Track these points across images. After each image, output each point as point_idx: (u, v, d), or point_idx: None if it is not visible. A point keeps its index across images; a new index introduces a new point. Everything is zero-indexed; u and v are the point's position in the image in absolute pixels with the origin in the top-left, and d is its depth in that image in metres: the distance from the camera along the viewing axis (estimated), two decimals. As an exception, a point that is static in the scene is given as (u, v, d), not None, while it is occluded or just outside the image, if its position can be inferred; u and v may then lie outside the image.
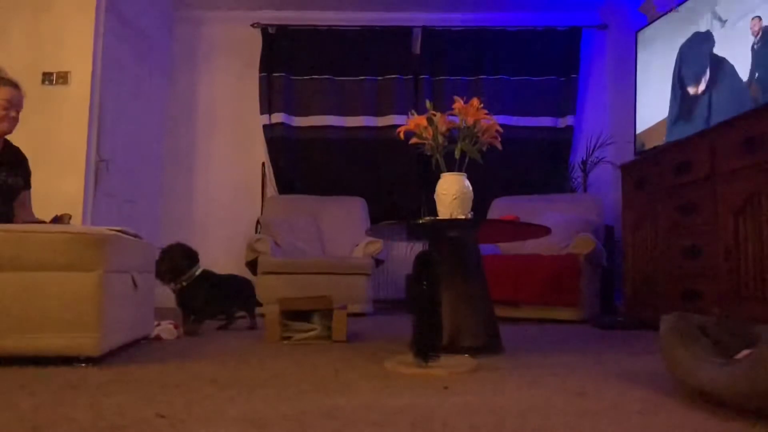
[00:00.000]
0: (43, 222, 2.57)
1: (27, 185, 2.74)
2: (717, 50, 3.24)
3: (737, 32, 3.08)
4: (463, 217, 2.49)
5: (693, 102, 3.41)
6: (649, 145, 3.89)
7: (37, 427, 1.26)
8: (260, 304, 3.66)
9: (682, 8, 3.59)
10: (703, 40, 3.30)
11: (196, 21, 5.73)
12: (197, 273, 3.24)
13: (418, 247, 4.85)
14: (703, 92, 3.31)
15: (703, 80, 3.26)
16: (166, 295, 3.32)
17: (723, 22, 3.18)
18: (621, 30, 5.23)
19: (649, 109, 3.96)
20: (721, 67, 3.17)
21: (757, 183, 2.68)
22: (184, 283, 3.19)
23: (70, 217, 2.66)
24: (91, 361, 2.07)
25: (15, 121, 2.60)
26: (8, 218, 2.58)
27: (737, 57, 3.07)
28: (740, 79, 3.02)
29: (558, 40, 5.54)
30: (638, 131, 4.06)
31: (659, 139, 3.74)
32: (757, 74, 2.92)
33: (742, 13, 3.05)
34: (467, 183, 2.52)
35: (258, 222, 5.24)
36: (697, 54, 3.34)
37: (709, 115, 3.22)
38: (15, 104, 2.58)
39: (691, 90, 3.36)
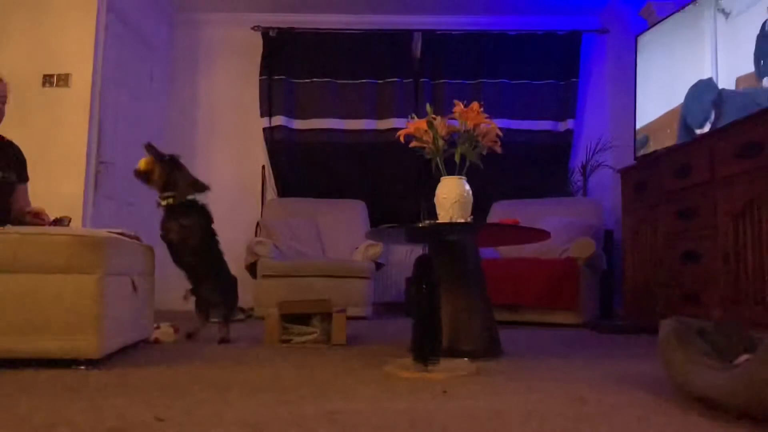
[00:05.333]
0: (41, 214, 2.57)
1: (21, 179, 2.68)
2: (720, 46, 3.24)
3: (741, 24, 3.09)
4: (463, 220, 2.49)
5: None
6: (654, 142, 3.86)
7: (36, 429, 1.26)
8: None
9: (685, 9, 3.59)
10: (707, 88, 3.29)
11: (196, 23, 5.74)
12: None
13: (418, 250, 4.85)
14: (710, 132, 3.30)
15: (708, 123, 3.25)
16: (165, 297, 3.30)
17: (727, 14, 3.18)
18: (621, 34, 5.24)
19: (648, 114, 3.96)
20: (724, 102, 3.16)
21: (757, 188, 2.68)
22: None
23: (69, 220, 2.66)
24: (90, 363, 2.07)
25: (1, 113, 2.56)
26: (5, 215, 2.57)
27: (741, 49, 3.07)
28: (745, 97, 3.01)
29: (558, 44, 5.55)
30: (639, 126, 4.06)
31: (664, 134, 3.71)
32: (762, 62, 2.91)
33: (746, 5, 3.05)
34: (467, 187, 2.52)
35: (258, 225, 5.24)
36: (701, 100, 3.34)
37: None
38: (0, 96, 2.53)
39: (697, 131, 3.35)
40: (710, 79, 3.28)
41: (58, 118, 4.07)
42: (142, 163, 2.95)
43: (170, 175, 2.94)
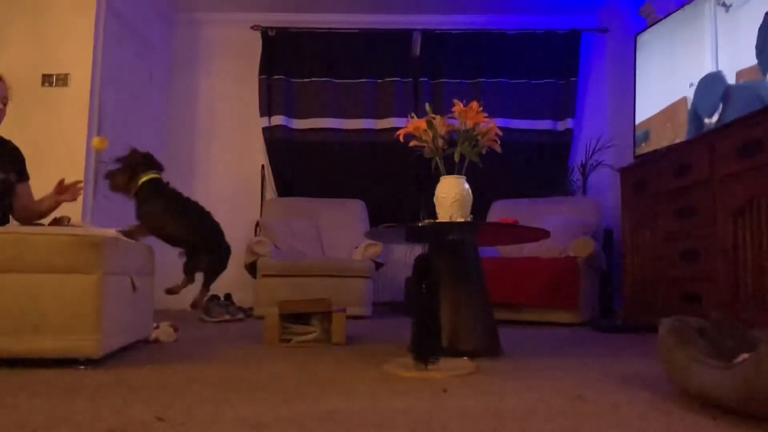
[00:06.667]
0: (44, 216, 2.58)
1: (21, 178, 2.70)
2: (721, 40, 3.24)
3: (741, 16, 3.08)
4: (463, 220, 2.49)
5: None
6: (654, 136, 3.86)
7: (36, 429, 1.26)
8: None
9: (684, 8, 3.58)
10: (716, 80, 3.29)
11: (195, 23, 5.73)
12: None
13: (418, 250, 4.85)
14: (717, 121, 3.29)
15: (716, 113, 3.25)
16: (165, 297, 3.30)
17: (727, 7, 3.18)
18: (621, 33, 5.24)
19: (648, 111, 3.96)
20: (730, 95, 3.16)
21: (756, 186, 2.69)
22: None
23: (69, 220, 2.66)
24: (90, 363, 2.07)
25: (2, 113, 2.57)
26: (6, 215, 2.58)
27: (741, 43, 3.06)
28: (747, 91, 3.00)
29: (558, 43, 5.55)
30: (639, 121, 4.05)
31: (664, 128, 3.71)
32: (764, 54, 2.91)
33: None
34: (466, 186, 2.52)
35: (257, 224, 5.24)
36: (711, 92, 3.33)
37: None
38: (0, 96, 2.54)
39: (706, 120, 3.35)
40: (719, 72, 3.27)
41: (57, 117, 4.07)
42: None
43: (124, 174, 3.04)
